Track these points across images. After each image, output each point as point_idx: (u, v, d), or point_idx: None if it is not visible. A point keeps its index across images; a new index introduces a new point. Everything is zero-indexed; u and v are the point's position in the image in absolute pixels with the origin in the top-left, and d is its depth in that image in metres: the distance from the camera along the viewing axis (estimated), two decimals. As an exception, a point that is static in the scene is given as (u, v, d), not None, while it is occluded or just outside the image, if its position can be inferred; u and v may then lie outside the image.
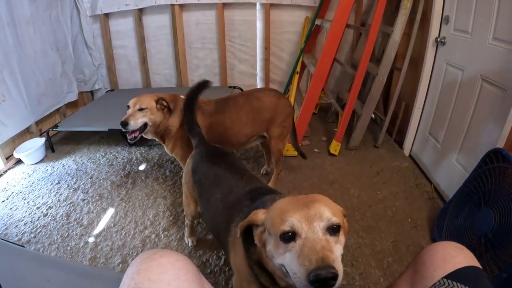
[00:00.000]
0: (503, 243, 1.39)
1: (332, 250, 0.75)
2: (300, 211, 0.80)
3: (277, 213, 0.83)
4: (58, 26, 3.28)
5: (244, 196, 1.21)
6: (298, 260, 0.73)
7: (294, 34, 3.59)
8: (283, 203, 0.87)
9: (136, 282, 0.70)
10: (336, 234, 0.80)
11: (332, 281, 0.69)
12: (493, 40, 1.83)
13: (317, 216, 0.79)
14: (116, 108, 3.36)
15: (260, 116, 2.16)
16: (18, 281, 1.39)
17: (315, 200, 0.85)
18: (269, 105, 2.16)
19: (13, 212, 2.26)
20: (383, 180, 2.49)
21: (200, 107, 2.03)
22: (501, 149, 1.58)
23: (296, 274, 0.73)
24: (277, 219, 0.82)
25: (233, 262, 1.17)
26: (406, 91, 2.84)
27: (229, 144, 2.16)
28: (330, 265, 0.69)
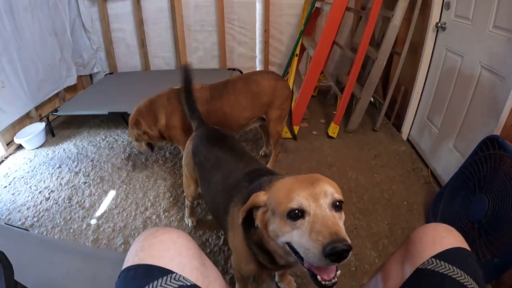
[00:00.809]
0: (496, 229, 1.42)
1: (341, 225, 0.79)
2: (306, 189, 0.83)
3: (283, 192, 0.86)
4: (56, 11, 3.24)
5: (243, 178, 1.23)
6: (311, 236, 0.77)
7: (294, 17, 3.56)
8: (287, 183, 0.90)
9: (140, 258, 0.73)
10: (339, 210, 0.84)
11: (346, 253, 0.73)
12: (494, 28, 1.83)
13: (323, 193, 0.83)
14: (115, 91, 3.37)
15: (259, 100, 2.17)
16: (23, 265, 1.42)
17: (318, 178, 0.88)
18: (268, 88, 2.17)
19: (16, 197, 2.29)
20: (380, 164, 2.52)
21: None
22: (497, 137, 1.60)
23: (310, 249, 0.76)
24: (283, 198, 0.84)
25: (232, 242, 1.21)
26: (406, 75, 2.85)
27: (228, 127, 2.16)
28: (344, 238, 0.73)
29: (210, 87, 2.13)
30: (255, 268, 1.14)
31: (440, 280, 0.72)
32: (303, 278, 1.62)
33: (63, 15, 3.34)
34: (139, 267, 0.71)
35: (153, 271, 0.71)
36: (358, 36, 3.21)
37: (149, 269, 0.71)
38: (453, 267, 0.73)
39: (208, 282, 0.78)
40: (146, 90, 3.23)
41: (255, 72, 2.27)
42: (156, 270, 0.71)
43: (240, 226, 1.08)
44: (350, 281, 1.61)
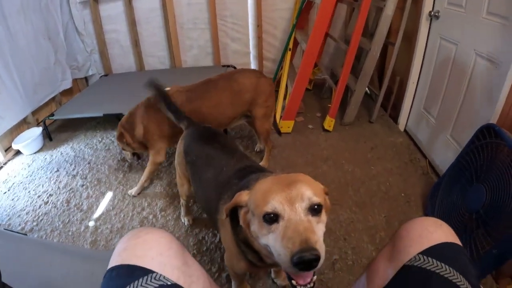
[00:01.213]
0: (494, 219, 1.40)
1: (315, 231, 0.77)
2: (282, 193, 0.82)
3: (260, 195, 0.85)
4: (49, 15, 3.23)
5: (234, 175, 1.23)
6: (282, 242, 0.76)
7: (286, 11, 3.53)
8: (265, 184, 0.88)
9: (123, 259, 0.73)
10: (317, 214, 0.82)
11: (315, 263, 0.71)
12: (487, 14, 1.81)
13: (299, 197, 0.81)
14: (110, 93, 3.37)
15: (241, 98, 2.16)
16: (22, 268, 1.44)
17: (297, 180, 0.86)
18: (249, 86, 2.15)
19: (15, 203, 2.30)
20: (377, 156, 2.51)
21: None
22: (493, 125, 1.58)
23: (280, 255, 0.76)
24: (259, 201, 0.84)
25: (223, 239, 1.22)
26: (401, 66, 2.82)
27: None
28: (313, 247, 0.72)
29: (186, 90, 2.11)
30: (246, 266, 1.14)
31: (427, 277, 0.71)
32: (299, 274, 1.62)
33: (55, 18, 3.33)
34: (121, 267, 0.72)
35: (134, 271, 0.71)
36: (351, 28, 3.18)
37: (131, 269, 0.71)
38: (441, 264, 0.71)
39: (190, 281, 0.77)
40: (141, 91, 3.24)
41: (236, 70, 2.26)
42: (138, 270, 0.71)
43: (228, 224, 1.08)
44: (347, 275, 1.60)
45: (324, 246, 0.76)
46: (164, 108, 1.86)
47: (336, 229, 1.86)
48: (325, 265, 1.66)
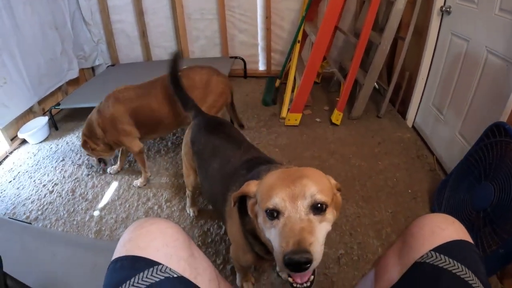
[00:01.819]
0: (501, 218, 1.39)
1: (313, 231, 0.75)
2: (286, 189, 0.80)
3: (265, 189, 0.84)
4: (56, 5, 3.22)
5: (241, 166, 1.22)
6: (279, 239, 0.75)
7: (295, 2, 3.50)
8: (271, 178, 0.87)
9: (127, 250, 0.72)
10: (321, 212, 0.80)
11: (305, 265, 0.70)
12: (500, 11, 1.77)
13: (302, 194, 0.79)
14: (117, 83, 3.30)
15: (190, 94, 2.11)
16: (26, 257, 1.44)
17: (303, 175, 0.84)
18: (199, 83, 2.11)
19: (20, 191, 2.31)
20: (384, 151, 2.49)
21: (114, 96, 2.04)
22: (503, 123, 1.55)
23: (276, 253, 0.76)
24: (264, 195, 0.83)
25: (230, 231, 1.21)
26: (410, 61, 2.79)
27: (161, 125, 2.15)
28: (305, 249, 0.70)
29: (135, 87, 2.10)
30: (252, 258, 1.13)
31: (439, 274, 0.70)
32: (304, 268, 1.61)
33: (62, 8, 3.32)
34: (126, 258, 0.70)
35: (139, 262, 0.69)
36: (361, 21, 3.14)
37: (135, 260, 0.70)
38: (452, 261, 0.70)
39: (196, 273, 0.76)
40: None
41: (190, 67, 2.21)
42: (142, 261, 0.69)
43: (236, 215, 1.07)
44: (352, 270, 1.60)
45: (322, 248, 0.75)
46: (174, 91, 1.86)
47: (342, 224, 1.85)
48: (330, 259, 1.65)
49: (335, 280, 1.56)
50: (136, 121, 2.06)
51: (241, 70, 3.92)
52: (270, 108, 3.23)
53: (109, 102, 2.04)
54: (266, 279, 1.58)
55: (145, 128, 2.12)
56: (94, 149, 2.16)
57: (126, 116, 2.03)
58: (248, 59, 3.88)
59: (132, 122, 2.06)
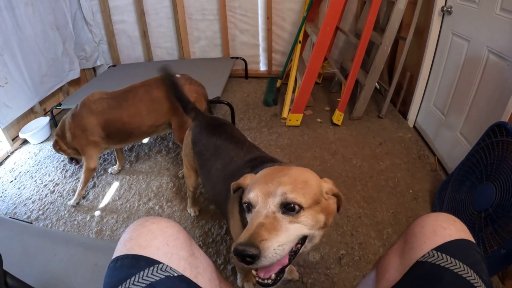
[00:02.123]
0: (503, 218, 1.38)
1: (273, 229, 0.76)
2: (263, 185, 0.83)
3: (251, 182, 0.89)
4: (57, 5, 3.23)
5: (244, 165, 1.22)
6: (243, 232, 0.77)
7: (296, 3, 3.49)
8: (260, 174, 0.90)
9: (128, 248, 0.72)
10: (294, 213, 0.80)
11: (248, 258, 0.71)
12: (501, 11, 1.77)
13: (274, 191, 0.81)
14: (118, 83, 3.33)
15: (160, 106, 2.09)
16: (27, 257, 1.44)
17: (285, 174, 0.85)
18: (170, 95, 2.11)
19: (22, 191, 2.31)
20: (385, 151, 2.48)
21: (88, 106, 2.02)
22: (505, 123, 1.55)
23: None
24: (248, 188, 0.88)
25: (232, 229, 1.21)
26: (411, 61, 2.79)
27: (133, 136, 2.13)
28: (252, 243, 0.71)
29: (108, 97, 2.08)
30: None
31: (440, 273, 0.70)
32: (305, 268, 1.61)
33: (64, 8, 3.33)
34: (126, 257, 0.70)
35: (139, 261, 0.69)
36: (362, 21, 3.15)
37: (135, 259, 0.70)
38: (454, 260, 0.70)
39: (197, 272, 0.76)
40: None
41: (159, 77, 2.15)
42: (143, 260, 0.69)
43: (237, 211, 1.07)
44: (353, 271, 1.60)
45: (284, 248, 0.75)
46: (173, 96, 1.85)
47: (344, 224, 1.85)
48: (331, 260, 1.65)
49: (336, 280, 1.56)
50: (107, 133, 2.05)
51: (242, 70, 3.92)
52: (271, 108, 3.23)
53: (83, 111, 2.02)
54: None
55: (116, 138, 2.11)
56: (65, 150, 2.15)
57: (98, 128, 2.02)
58: (249, 60, 3.88)
59: (103, 134, 2.05)
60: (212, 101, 2.72)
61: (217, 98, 2.75)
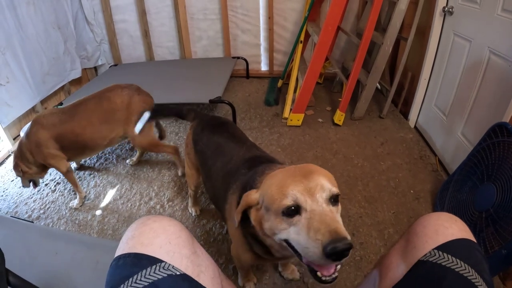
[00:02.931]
0: (504, 219, 1.38)
1: (339, 221, 0.77)
2: (300, 184, 0.81)
3: (275, 189, 0.84)
4: (58, 4, 3.24)
5: (242, 165, 1.21)
6: (309, 234, 0.75)
7: (298, 3, 3.49)
8: (279, 177, 0.87)
9: (130, 247, 0.72)
10: (336, 204, 0.82)
11: (347, 252, 0.71)
12: (502, 11, 1.77)
13: (319, 187, 0.80)
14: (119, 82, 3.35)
15: (113, 118, 2.10)
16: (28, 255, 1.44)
17: (312, 171, 0.85)
18: (120, 105, 2.11)
19: (23, 190, 2.32)
20: (387, 151, 2.48)
21: (39, 122, 2.02)
22: (506, 123, 1.55)
23: (309, 248, 0.74)
24: (276, 195, 0.82)
25: (230, 230, 1.21)
26: (413, 61, 2.79)
27: (88, 148, 2.13)
28: (344, 236, 0.71)
29: (59, 112, 2.08)
30: (252, 258, 1.14)
31: (442, 273, 0.70)
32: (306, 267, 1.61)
33: (65, 7, 3.33)
34: (128, 256, 0.70)
35: (142, 259, 0.69)
36: (363, 21, 3.14)
37: (138, 257, 0.70)
38: (456, 260, 0.70)
39: (199, 270, 0.76)
40: (150, 81, 3.25)
41: (109, 88, 2.18)
42: (145, 259, 0.69)
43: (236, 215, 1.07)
44: (354, 271, 1.60)
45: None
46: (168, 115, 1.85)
47: (345, 224, 1.82)
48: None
49: (337, 280, 1.55)
50: (62, 145, 2.05)
51: (243, 70, 3.91)
52: (273, 108, 3.23)
53: (34, 128, 2.02)
54: (268, 278, 1.58)
55: (71, 151, 2.11)
56: (26, 171, 2.10)
57: (51, 141, 2.01)
58: (251, 59, 3.88)
59: (57, 146, 2.05)
60: (214, 100, 2.73)
61: (218, 97, 2.75)
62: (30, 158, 2.05)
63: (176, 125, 2.99)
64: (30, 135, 2.02)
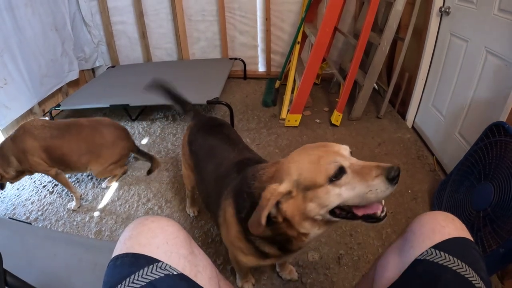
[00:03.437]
0: (501, 218, 1.39)
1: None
2: (328, 151, 0.89)
3: (311, 165, 0.87)
4: (56, 6, 3.23)
5: (232, 169, 1.21)
6: (365, 180, 0.82)
7: (295, 4, 3.50)
8: (305, 157, 0.91)
9: (128, 247, 0.72)
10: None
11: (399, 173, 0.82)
12: (499, 11, 1.78)
13: (341, 148, 0.91)
14: (117, 84, 3.37)
15: (99, 152, 2.16)
16: (26, 257, 1.44)
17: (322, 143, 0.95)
18: (109, 144, 2.16)
19: (20, 192, 2.32)
20: (384, 152, 2.49)
21: (30, 131, 2.03)
22: (503, 123, 1.56)
23: (371, 190, 0.82)
24: (316, 169, 0.86)
25: (226, 237, 1.19)
26: (410, 62, 2.80)
27: (68, 167, 2.15)
28: (389, 164, 0.83)
29: (52, 126, 2.10)
30: (254, 260, 1.13)
31: (439, 271, 0.70)
32: (304, 268, 1.62)
33: (63, 9, 3.33)
34: (126, 256, 0.71)
35: (139, 259, 0.70)
36: (360, 22, 3.15)
37: (135, 257, 0.70)
38: (452, 258, 0.71)
39: (196, 270, 0.76)
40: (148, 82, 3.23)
41: (104, 122, 2.23)
42: (143, 259, 0.70)
43: (234, 220, 1.07)
44: (353, 271, 1.60)
45: None
46: (171, 100, 1.84)
47: (343, 225, 1.85)
48: (330, 259, 1.66)
49: (335, 280, 1.56)
50: (49, 157, 2.06)
51: (241, 71, 3.92)
52: (270, 109, 3.24)
53: (24, 136, 2.02)
54: (267, 279, 1.58)
55: (56, 164, 2.11)
56: (3, 176, 2.08)
57: (39, 151, 2.03)
58: (248, 61, 3.88)
59: (44, 157, 2.06)
60: (211, 101, 2.73)
61: (216, 99, 2.75)
62: (14, 163, 2.04)
63: (174, 126, 2.99)
64: (18, 141, 2.02)
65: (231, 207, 1.08)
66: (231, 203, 1.08)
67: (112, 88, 3.27)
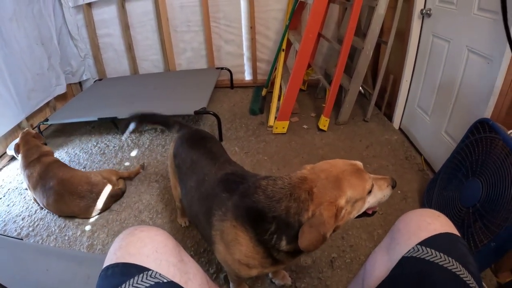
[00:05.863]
0: (490, 212, 1.41)
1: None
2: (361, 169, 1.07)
3: (358, 182, 1.02)
4: (42, 20, 3.22)
5: (218, 186, 1.21)
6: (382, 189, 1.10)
7: (279, 12, 3.55)
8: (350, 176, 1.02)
9: (118, 257, 0.73)
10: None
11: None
12: (478, 11, 1.82)
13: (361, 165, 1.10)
14: (105, 97, 3.37)
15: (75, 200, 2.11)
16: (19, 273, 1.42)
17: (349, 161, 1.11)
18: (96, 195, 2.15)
19: (11, 208, 2.28)
20: (373, 154, 2.51)
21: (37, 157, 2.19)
22: (487, 119, 1.59)
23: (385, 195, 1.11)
24: (360, 186, 1.02)
25: (223, 254, 1.16)
26: (394, 64, 2.84)
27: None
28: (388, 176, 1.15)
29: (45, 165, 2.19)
30: (257, 271, 1.14)
31: (426, 267, 0.71)
32: (298, 272, 1.61)
33: (49, 23, 3.32)
34: (116, 265, 0.71)
35: (130, 268, 0.70)
36: (344, 27, 3.19)
37: (126, 267, 0.70)
38: (439, 254, 0.72)
39: (187, 278, 0.77)
40: (135, 94, 3.25)
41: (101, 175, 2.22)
42: (133, 268, 0.70)
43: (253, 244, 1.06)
44: (346, 273, 1.60)
45: None
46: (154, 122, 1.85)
47: (335, 228, 1.85)
48: (323, 263, 1.66)
49: (329, 283, 1.56)
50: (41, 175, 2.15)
51: (227, 80, 3.94)
52: (258, 117, 3.25)
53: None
54: (260, 285, 1.58)
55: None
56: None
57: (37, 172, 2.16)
58: (234, 70, 3.90)
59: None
60: (199, 112, 2.74)
61: (203, 109, 2.76)
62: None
63: (163, 138, 2.98)
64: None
65: (241, 231, 1.06)
66: (241, 226, 1.06)
67: (99, 101, 3.25)
